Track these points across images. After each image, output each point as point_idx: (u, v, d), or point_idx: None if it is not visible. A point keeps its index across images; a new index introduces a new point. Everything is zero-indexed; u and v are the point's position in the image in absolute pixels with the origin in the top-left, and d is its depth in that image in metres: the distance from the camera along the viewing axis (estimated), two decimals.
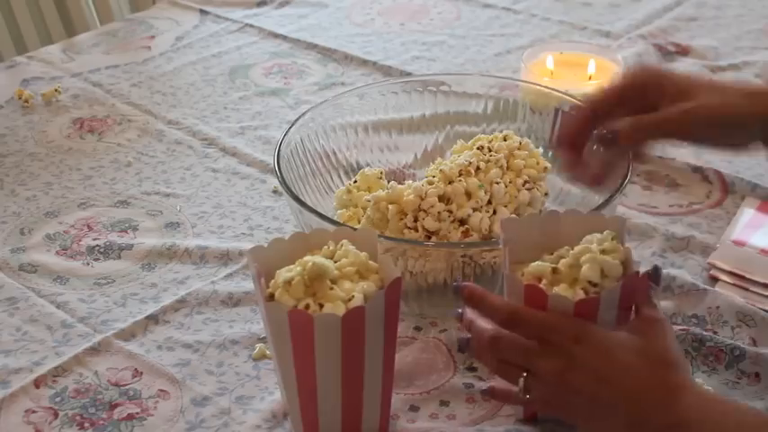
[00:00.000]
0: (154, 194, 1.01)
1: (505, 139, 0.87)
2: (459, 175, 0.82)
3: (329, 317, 0.61)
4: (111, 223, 0.96)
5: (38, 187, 1.02)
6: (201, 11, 1.46)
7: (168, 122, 1.15)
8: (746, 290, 0.84)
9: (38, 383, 0.76)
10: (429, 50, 1.32)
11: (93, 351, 0.79)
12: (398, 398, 0.73)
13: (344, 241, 0.66)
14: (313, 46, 1.34)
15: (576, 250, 0.65)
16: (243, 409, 0.73)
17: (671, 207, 0.97)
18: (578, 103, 0.74)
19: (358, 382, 0.65)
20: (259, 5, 1.48)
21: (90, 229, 0.95)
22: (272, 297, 0.63)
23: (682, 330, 0.78)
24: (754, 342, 0.78)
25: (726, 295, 0.82)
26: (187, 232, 0.95)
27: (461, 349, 0.69)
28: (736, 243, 0.90)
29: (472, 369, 0.76)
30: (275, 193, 1.01)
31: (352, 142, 0.96)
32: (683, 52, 1.29)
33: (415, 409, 0.73)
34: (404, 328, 0.80)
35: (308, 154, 0.91)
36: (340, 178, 0.94)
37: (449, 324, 0.81)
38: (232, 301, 0.85)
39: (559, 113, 0.93)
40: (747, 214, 0.94)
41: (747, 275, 0.85)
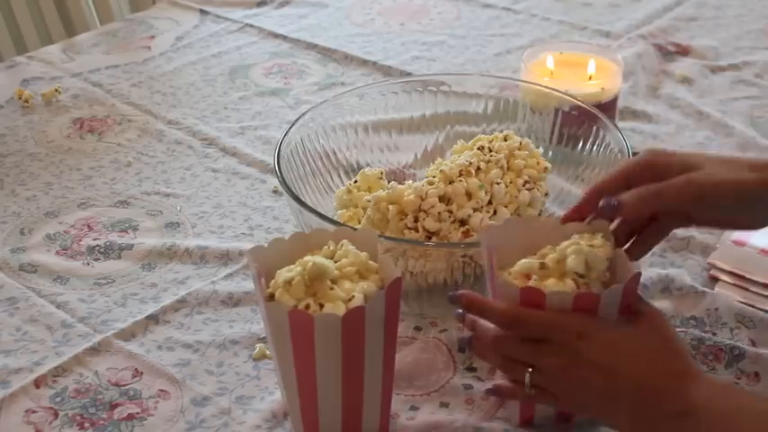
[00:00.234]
0: (154, 194, 1.01)
1: (506, 139, 0.88)
2: (460, 176, 0.82)
3: (329, 317, 0.61)
4: (112, 223, 0.96)
5: (38, 187, 1.02)
6: (201, 11, 1.46)
7: (168, 122, 1.15)
8: (746, 290, 0.84)
9: (38, 383, 0.76)
10: (429, 50, 1.32)
11: (94, 351, 0.79)
12: (398, 398, 0.73)
13: (345, 241, 0.66)
14: (313, 46, 1.34)
15: (564, 245, 0.65)
16: (243, 409, 0.73)
17: None
18: (591, 188, 0.70)
19: (358, 381, 0.65)
20: (259, 5, 1.48)
21: (90, 229, 0.95)
22: (272, 297, 0.63)
23: (680, 332, 0.79)
24: (753, 343, 0.78)
25: (725, 298, 0.82)
26: (187, 232, 0.95)
27: (461, 349, 0.69)
28: (736, 243, 0.90)
29: (472, 369, 0.76)
30: (275, 193, 1.01)
31: (352, 142, 0.96)
32: (683, 52, 1.29)
33: (414, 408, 0.73)
34: (404, 328, 0.80)
35: (308, 154, 0.91)
36: (340, 178, 0.94)
37: (449, 324, 0.81)
38: (232, 301, 0.85)
39: (559, 113, 0.93)
40: None
41: (747, 275, 0.85)
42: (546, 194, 0.88)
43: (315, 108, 0.93)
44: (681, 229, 0.92)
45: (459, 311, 0.68)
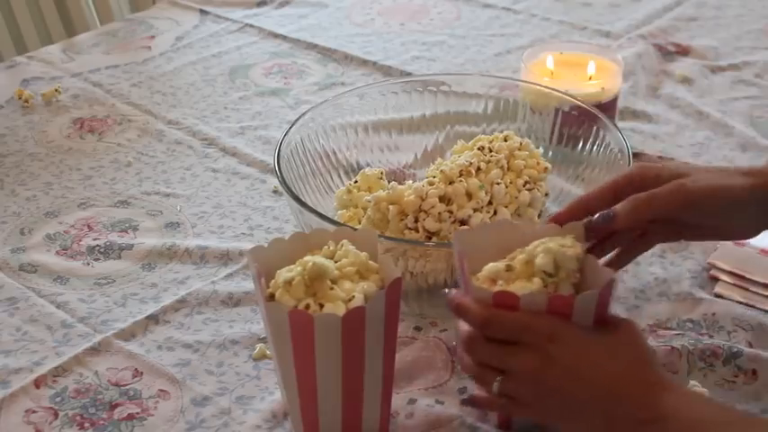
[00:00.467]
0: (154, 194, 1.01)
1: (506, 139, 0.88)
2: (460, 176, 0.82)
3: (329, 317, 0.61)
4: (112, 223, 0.96)
5: (38, 187, 1.02)
6: (201, 11, 1.46)
7: (168, 122, 1.15)
8: (746, 290, 0.84)
9: (38, 383, 0.76)
10: (429, 50, 1.32)
11: (94, 351, 0.79)
12: (398, 397, 0.73)
13: (345, 241, 0.66)
14: (313, 46, 1.34)
15: (533, 245, 0.65)
16: (243, 409, 0.73)
17: None
18: (573, 201, 0.71)
19: (358, 381, 0.65)
20: (259, 5, 1.48)
21: (90, 229, 0.95)
22: (272, 297, 0.63)
23: (677, 334, 0.79)
24: (751, 346, 0.78)
25: (722, 303, 0.82)
26: (187, 232, 0.95)
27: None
28: (736, 243, 0.90)
29: None
30: (275, 193, 1.01)
31: (352, 142, 0.96)
32: (683, 52, 1.29)
33: (413, 401, 0.73)
34: (404, 328, 0.80)
35: (308, 154, 0.91)
36: (340, 178, 0.94)
37: (449, 324, 0.81)
38: (232, 301, 0.85)
39: (559, 113, 0.93)
40: None
41: (747, 275, 0.85)
42: (546, 195, 0.88)
43: (315, 108, 0.93)
44: None
45: None
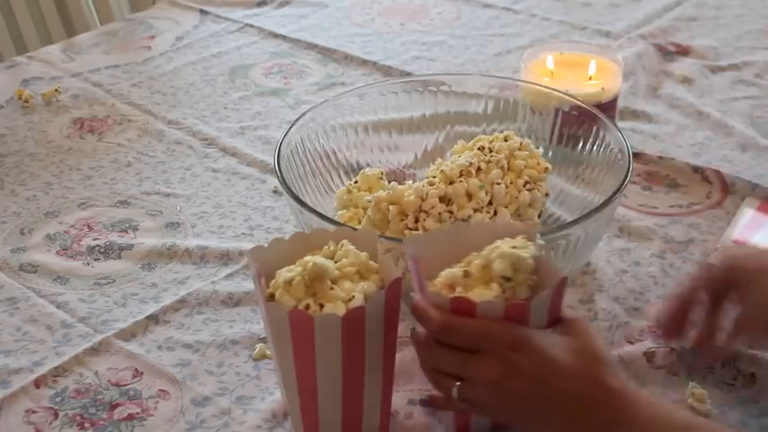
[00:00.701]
0: (154, 194, 1.01)
1: (506, 139, 0.88)
2: (460, 176, 0.82)
3: (329, 317, 0.61)
4: (112, 223, 0.96)
5: (38, 187, 1.02)
6: (201, 11, 1.46)
7: (168, 122, 1.15)
8: None
9: (38, 383, 0.76)
10: (429, 50, 1.32)
11: (94, 351, 0.79)
12: (398, 396, 0.73)
13: (345, 241, 0.66)
14: (313, 46, 1.34)
15: (486, 250, 0.64)
16: (243, 410, 0.73)
17: (671, 207, 0.97)
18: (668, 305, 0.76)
19: (358, 381, 0.65)
20: (259, 5, 1.48)
21: (90, 229, 0.95)
22: (272, 297, 0.63)
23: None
24: (750, 347, 0.78)
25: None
26: (187, 232, 0.95)
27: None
28: (736, 243, 0.90)
29: None
30: (275, 193, 1.01)
31: (352, 142, 0.96)
32: (683, 52, 1.29)
33: (413, 402, 0.73)
34: (404, 327, 0.80)
35: (308, 154, 0.91)
36: (340, 178, 0.94)
37: None
38: (232, 301, 0.85)
39: (559, 113, 0.93)
40: (747, 214, 0.94)
41: None
42: (546, 195, 0.88)
43: (315, 108, 0.93)
44: (681, 230, 0.93)
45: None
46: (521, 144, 0.87)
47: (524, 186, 0.85)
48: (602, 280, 0.86)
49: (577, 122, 0.91)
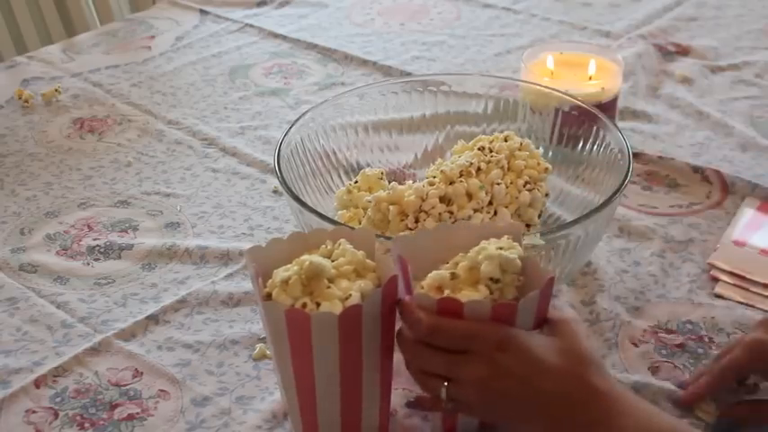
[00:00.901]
0: (154, 194, 1.01)
1: (506, 139, 0.87)
2: (460, 176, 0.82)
3: (326, 315, 0.61)
4: (112, 223, 0.96)
5: (38, 187, 1.02)
6: (201, 11, 1.46)
7: (168, 122, 1.15)
8: (747, 290, 0.84)
9: (38, 383, 0.76)
10: (429, 50, 1.32)
11: (94, 351, 0.79)
12: (397, 393, 0.73)
13: (342, 240, 0.66)
14: (313, 46, 1.34)
15: (473, 252, 0.64)
16: (243, 410, 0.73)
17: (671, 207, 0.97)
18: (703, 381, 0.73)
19: (356, 380, 0.65)
20: (259, 5, 1.48)
21: (90, 229, 0.95)
22: (269, 297, 0.63)
23: (675, 337, 0.78)
24: None
25: (722, 305, 0.82)
26: (187, 232, 0.95)
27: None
28: (736, 243, 0.90)
29: None
30: (275, 193, 1.01)
31: (352, 142, 0.96)
32: (683, 52, 1.29)
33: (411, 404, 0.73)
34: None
35: (308, 154, 0.91)
36: (340, 178, 0.94)
37: None
38: (232, 302, 0.85)
39: (559, 113, 0.93)
40: (747, 214, 0.94)
41: (747, 276, 0.85)
42: (546, 195, 0.88)
43: (315, 108, 0.93)
44: (681, 230, 0.93)
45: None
46: (521, 144, 0.87)
47: (524, 186, 0.85)
48: (602, 280, 0.86)
49: (577, 122, 0.91)
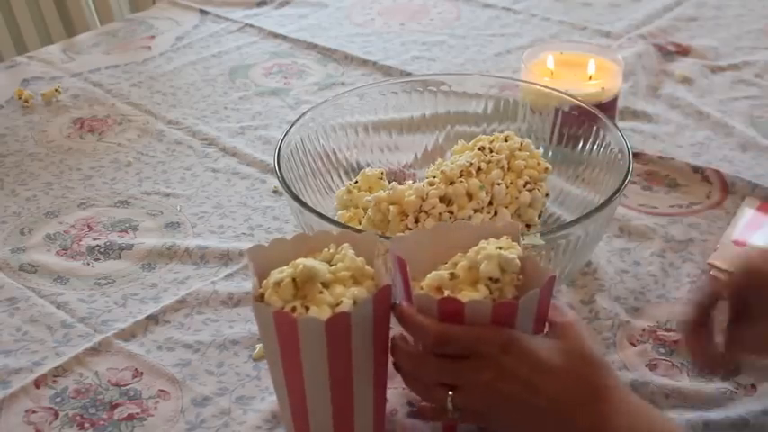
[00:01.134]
0: (154, 194, 1.01)
1: (506, 139, 0.87)
2: (461, 176, 0.82)
3: (312, 321, 0.60)
4: (112, 223, 0.96)
5: (38, 187, 1.02)
6: (201, 11, 1.46)
7: (168, 122, 1.15)
8: None
9: (38, 383, 0.76)
10: (429, 50, 1.32)
11: (94, 351, 0.79)
12: (396, 392, 0.73)
13: (346, 245, 0.66)
14: (313, 46, 1.34)
15: (472, 252, 0.64)
16: (243, 410, 0.73)
17: (671, 207, 0.97)
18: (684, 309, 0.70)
19: (347, 385, 0.64)
20: (259, 5, 1.48)
21: (90, 229, 0.95)
22: (262, 297, 0.63)
23: (674, 338, 0.78)
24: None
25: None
26: (187, 232, 0.95)
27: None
28: (736, 243, 0.90)
29: None
30: (275, 193, 1.01)
31: (352, 142, 0.96)
32: (683, 52, 1.29)
33: (412, 405, 0.73)
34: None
35: (308, 154, 0.91)
36: (340, 178, 0.94)
37: None
38: (232, 302, 0.85)
39: (559, 113, 0.93)
40: (747, 214, 0.94)
41: None
42: (546, 195, 0.88)
43: (315, 108, 0.93)
44: (681, 230, 0.93)
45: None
46: (521, 144, 0.87)
47: (525, 187, 0.85)
48: (602, 280, 0.86)
49: (577, 122, 0.91)
